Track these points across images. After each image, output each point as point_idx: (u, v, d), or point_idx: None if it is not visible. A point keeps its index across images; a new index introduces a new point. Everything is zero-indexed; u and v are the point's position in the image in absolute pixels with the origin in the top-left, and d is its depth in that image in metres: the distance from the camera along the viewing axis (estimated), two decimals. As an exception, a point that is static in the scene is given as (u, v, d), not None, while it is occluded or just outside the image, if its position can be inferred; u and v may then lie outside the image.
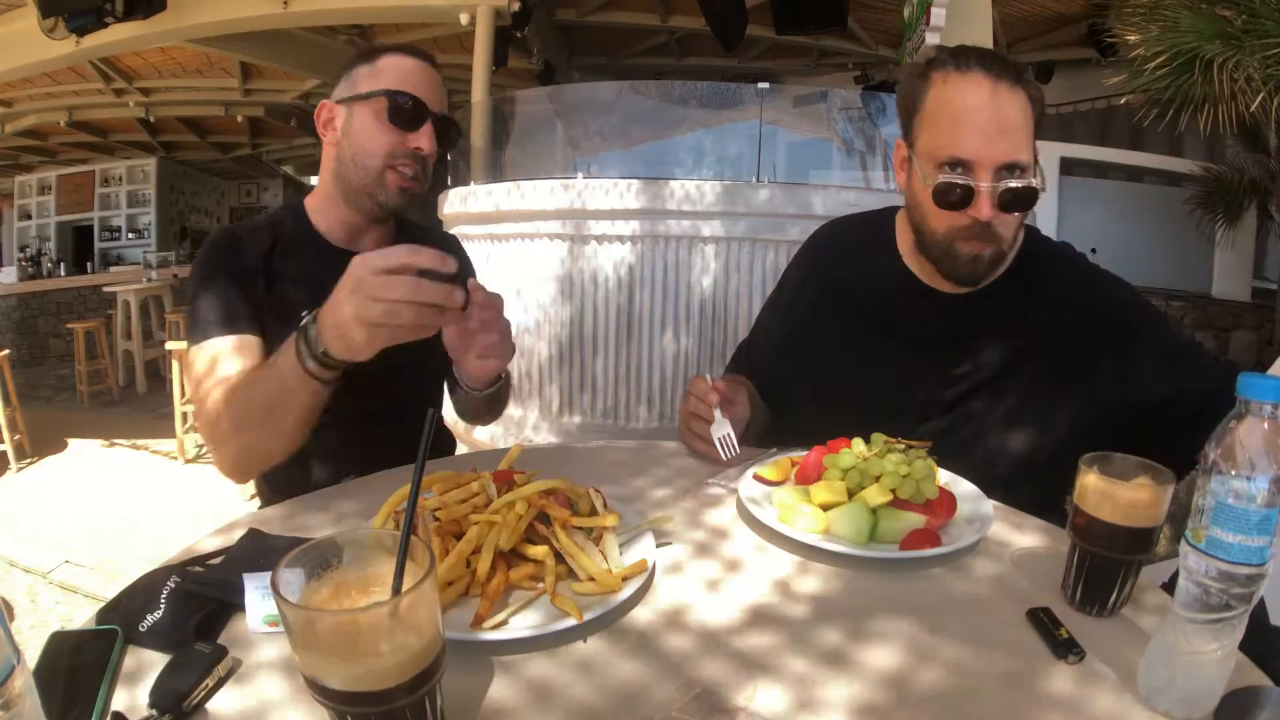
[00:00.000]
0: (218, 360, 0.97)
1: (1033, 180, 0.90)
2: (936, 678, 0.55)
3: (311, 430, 0.91)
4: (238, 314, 1.01)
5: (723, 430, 0.95)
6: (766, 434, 1.13)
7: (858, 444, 0.82)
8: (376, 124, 1.03)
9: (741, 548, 0.75)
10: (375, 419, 1.06)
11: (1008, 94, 0.89)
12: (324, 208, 1.11)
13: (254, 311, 1.02)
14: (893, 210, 1.12)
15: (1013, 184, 0.89)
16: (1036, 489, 0.94)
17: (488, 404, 1.10)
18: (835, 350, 1.09)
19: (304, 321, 0.81)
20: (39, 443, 4.22)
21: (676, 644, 0.59)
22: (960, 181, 0.89)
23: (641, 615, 0.63)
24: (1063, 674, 0.55)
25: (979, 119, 0.89)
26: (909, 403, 1.01)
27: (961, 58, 0.92)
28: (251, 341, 1.00)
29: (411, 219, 1.23)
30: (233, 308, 1.01)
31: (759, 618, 0.63)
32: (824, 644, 0.59)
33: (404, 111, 1.02)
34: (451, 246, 1.28)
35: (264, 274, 1.04)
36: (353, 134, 1.05)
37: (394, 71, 1.04)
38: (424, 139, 1.04)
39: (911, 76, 0.97)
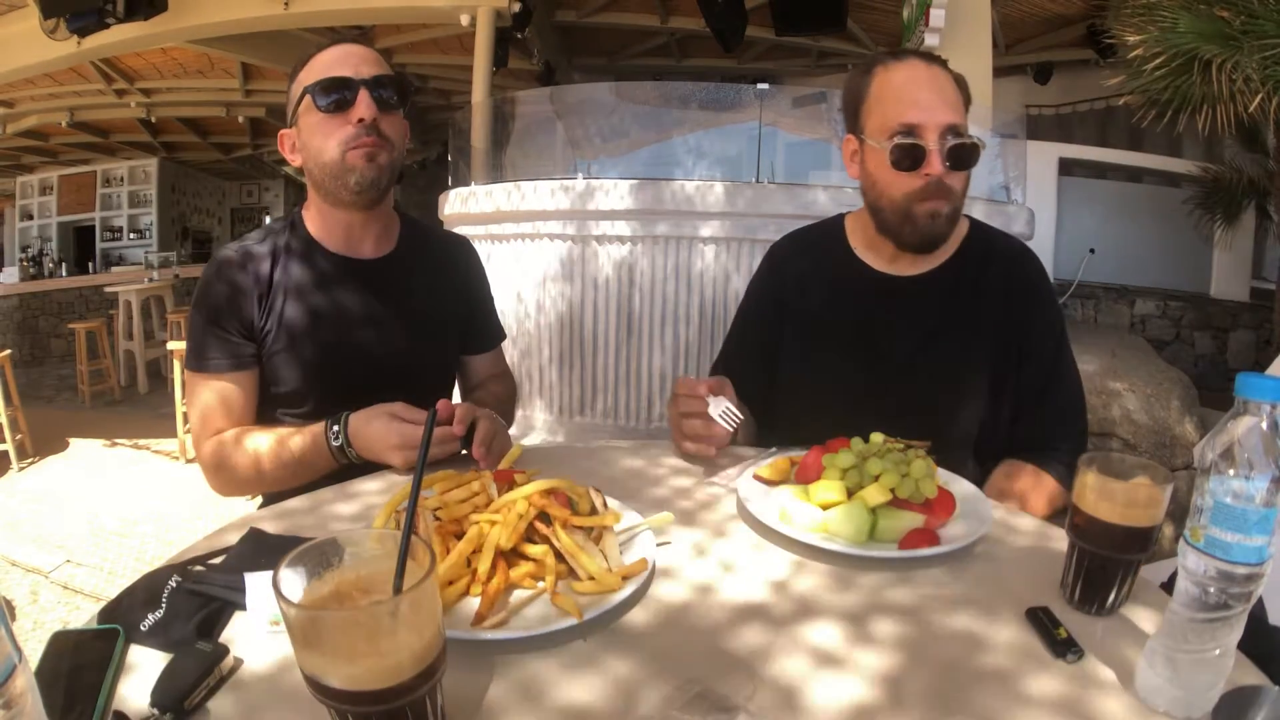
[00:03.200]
0: (215, 402, 1.04)
1: (975, 138, 1.02)
2: (935, 677, 0.55)
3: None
4: (236, 351, 1.04)
5: (720, 407, 0.95)
6: (753, 443, 1.15)
7: (857, 443, 0.83)
8: (315, 120, 1.03)
9: (741, 547, 0.76)
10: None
11: (941, 73, 1.04)
12: (318, 218, 1.12)
13: (252, 342, 1.05)
14: (840, 216, 1.24)
15: (958, 141, 1.01)
16: (966, 444, 1.08)
17: None
18: (808, 344, 1.17)
19: (336, 434, 0.96)
20: (40, 443, 4.22)
21: (676, 643, 0.59)
22: (914, 142, 1.01)
23: (641, 614, 0.63)
24: (1061, 673, 0.56)
25: (921, 90, 1.02)
26: (876, 381, 1.10)
27: (897, 53, 1.07)
28: (248, 380, 1.06)
29: (416, 218, 1.23)
30: (231, 344, 1.04)
31: (758, 617, 0.63)
32: (823, 643, 0.59)
33: (330, 95, 1.01)
34: (461, 247, 1.28)
35: (267, 295, 1.06)
36: (305, 143, 1.06)
37: (313, 69, 1.04)
38: (361, 108, 1.01)
39: (854, 76, 1.10)
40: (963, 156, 1.02)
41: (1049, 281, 1.15)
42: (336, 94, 1.01)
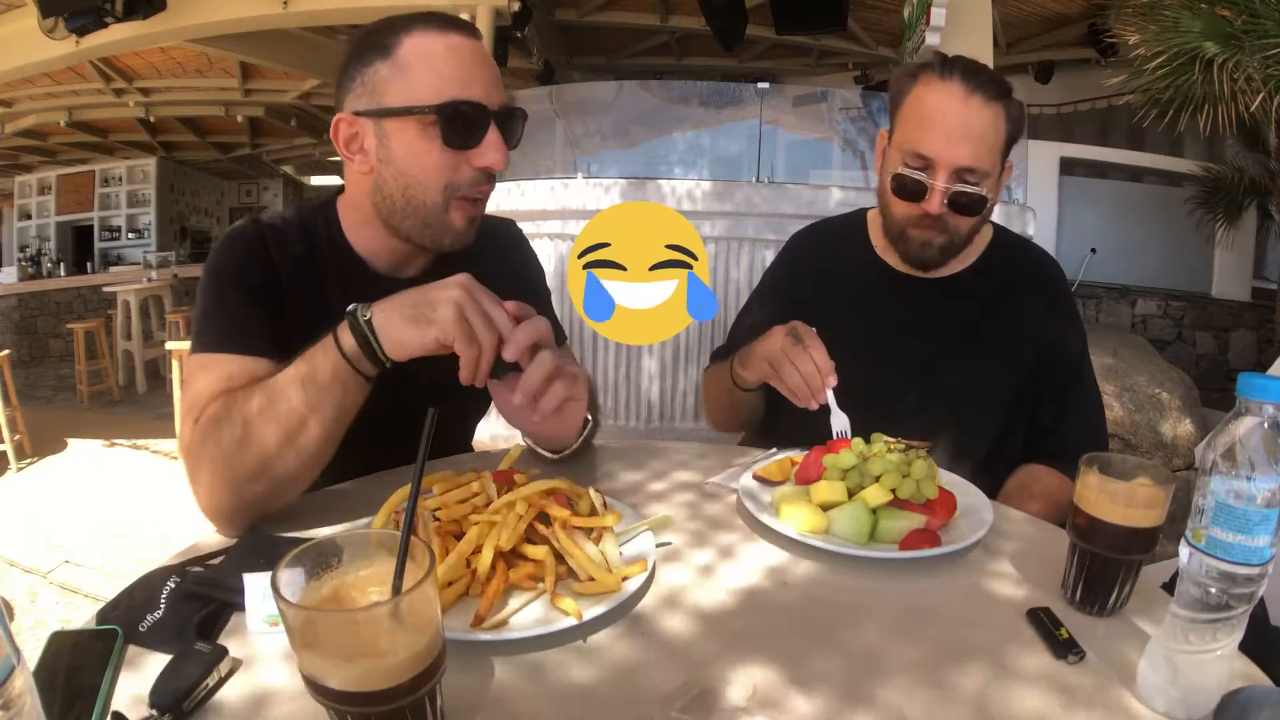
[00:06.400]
0: (227, 382, 0.78)
1: (983, 189, 0.97)
2: (936, 678, 0.55)
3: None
4: (256, 331, 0.82)
5: (842, 423, 0.92)
6: (758, 435, 1.15)
7: (858, 444, 0.82)
8: (427, 146, 0.80)
9: (741, 547, 0.75)
10: (379, 420, 1.05)
11: (980, 105, 0.96)
12: (364, 232, 0.91)
13: (274, 329, 0.83)
14: (864, 211, 1.21)
15: (964, 188, 0.96)
16: (968, 445, 1.05)
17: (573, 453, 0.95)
18: (819, 327, 1.12)
19: (353, 309, 0.72)
20: (39, 443, 4.22)
21: (676, 644, 0.59)
22: (917, 176, 0.98)
23: (641, 615, 0.63)
24: (1063, 674, 0.55)
25: (945, 122, 0.96)
26: (888, 384, 1.07)
27: (948, 66, 0.98)
28: (267, 367, 0.80)
29: None
30: (251, 322, 0.82)
31: (758, 617, 0.63)
32: (823, 644, 0.59)
33: (462, 126, 0.80)
34: (511, 233, 1.11)
35: (294, 289, 0.87)
36: (395, 160, 0.82)
37: (431, 67, 0.79)
38: (492, 152, 0.81)
39: (903, 74, 1.04)
40: (966, 203, 0.97)
41: (1071, 292, 1.14)
42: (468, 126, 0.80)
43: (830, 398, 0.93)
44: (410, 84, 0.80)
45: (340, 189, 0.94)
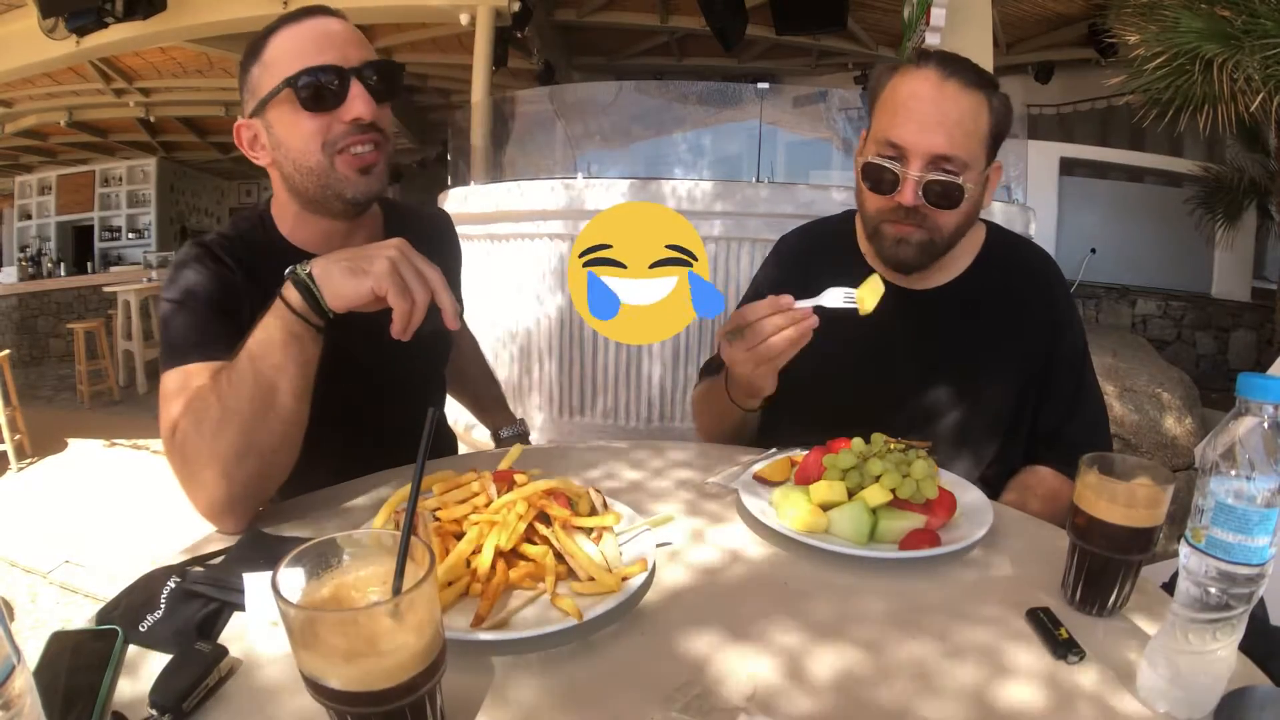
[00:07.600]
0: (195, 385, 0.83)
1: (960, 179, 0.91)
2: (937, 678, 0.55)
3: (312, 433, 0.83)
4: (219, 338, 0.85)
5: (835, 297, 0.85)
6: (758, 436, 1.14)
7: (858, 444, 0.82)
8: (295, 119, 0.88)
9: (741, 547, 0.75)
10: (376, 418, 1.05)
11: (956, 91, 0.91)
12: (296, 224, 0.98)
13: (236, 335, 0.83)
14: (850, 214, 1.15)
15: (939, 176, 0.91)
16: (970, 459, 1.03)
17: None
18: (810, 355, 1.05)
19: (292, 269, 0.76)
20: (39, 443, 4.22)
21: (676, 644, 0.59)
22: (888, 165, 0.92)
23: (641, 615, 0.63)
24: (1063, 674, 0.55)
25: (918, 108, 0.91)
26: (880, 390, 1.04)
27: (924, 56, 0.96)
28: None
29: (398, 200, 1.14)
30: (214, 331, 0.87)
31: (758, 617, 0.63)
32: (823, 644, 0.59)
33: (317, 89, 0.86)
34: (441, 222, 1.21)
35: (251, 292, 0.89)
36: (280, 143, 0.90)
37: (284, 54, 0.88)
38: (356, 104, 0.87)
39: (882, 69, 1.01)
40: (941, 193, 0.91)
41: (1070, 292, 1.09)
42: (324, 87, 0.86)
43: (804, 304, 0.86)
44: (275, 72, 0.87)
45: (268, 201, 1.02)
